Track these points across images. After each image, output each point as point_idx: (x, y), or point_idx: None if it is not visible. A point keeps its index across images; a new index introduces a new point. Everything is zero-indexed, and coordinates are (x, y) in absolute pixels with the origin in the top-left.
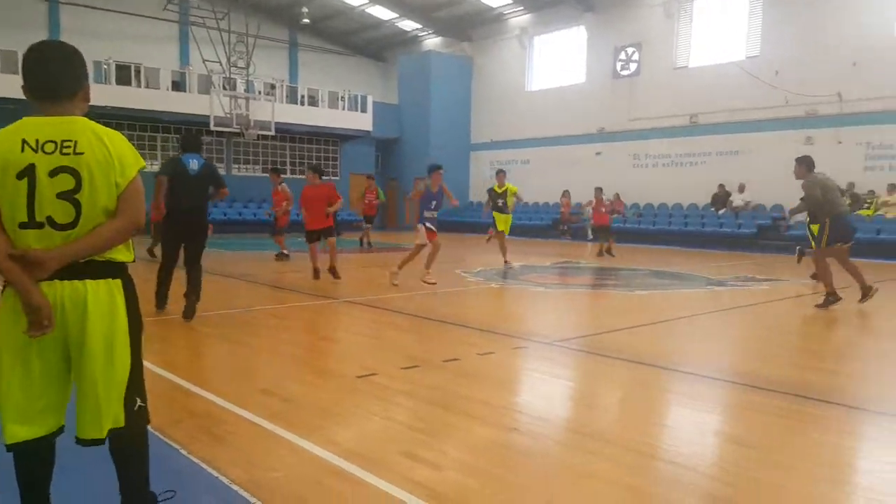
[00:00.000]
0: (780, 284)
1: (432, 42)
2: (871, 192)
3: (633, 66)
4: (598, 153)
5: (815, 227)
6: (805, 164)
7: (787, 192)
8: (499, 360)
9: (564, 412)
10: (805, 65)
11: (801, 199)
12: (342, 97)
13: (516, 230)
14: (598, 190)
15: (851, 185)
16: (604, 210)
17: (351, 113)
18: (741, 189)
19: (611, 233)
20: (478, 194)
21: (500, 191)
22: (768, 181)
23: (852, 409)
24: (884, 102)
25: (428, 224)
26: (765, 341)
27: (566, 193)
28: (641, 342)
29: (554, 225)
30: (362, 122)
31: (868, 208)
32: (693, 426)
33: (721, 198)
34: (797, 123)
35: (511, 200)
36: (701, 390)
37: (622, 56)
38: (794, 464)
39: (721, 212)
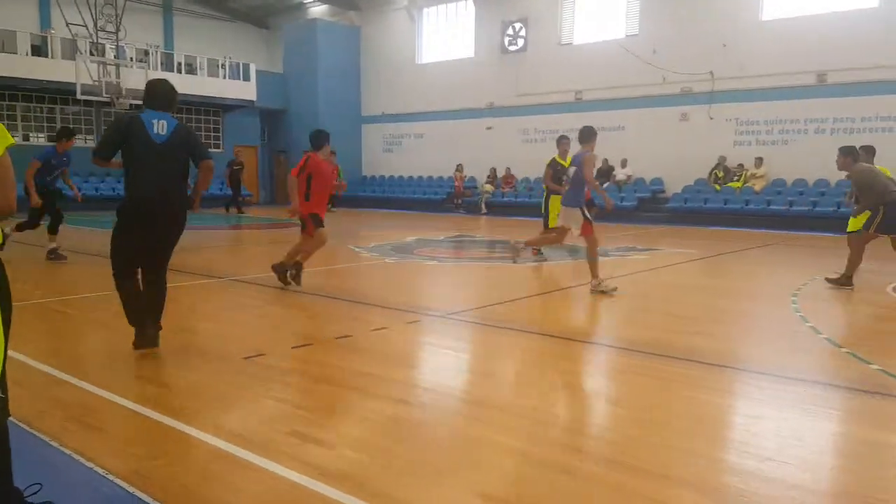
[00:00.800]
0: (659, 253)
1: (318, 10)
2: (741, 166)
3: (520, 42)
4: (488, 128)
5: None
6: (851, 155)
7: (664, 169)
8: (392, 334)
9: (457, 383)
10: (680, 45)
11: (855, 191)
12: (223, 65)
13: (409, 203)
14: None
15: (723, 158)
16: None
17: (233, 82)
18: (623, 164)
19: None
20: (371, 168)
21: (566, 164)
22: (648, 156)
23: (719, 367)
24: (751, 81)
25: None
26: (643, 308)
27: (459, 167)
28: (531, 312)
29: (448, 199)
30: (245, 91)
31: (738, 181)
32: (579, 391)
33: (605, 172)
34: (674, 101)
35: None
36: (586, 356)
37: (510, 31)
38: (669, 420)
39: (605, 185)
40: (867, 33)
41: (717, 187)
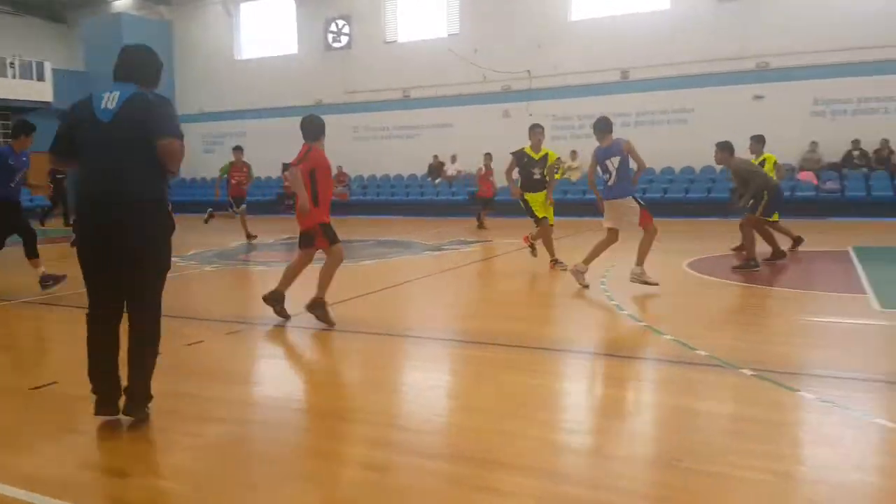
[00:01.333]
0: (487, 245)
1: (122, 4)
2: (559, 159)
3: (344, 39)
4: None
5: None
6: (727, 150)
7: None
8: (209, 347)
9: (282, 393)
10: (499, 44)
11: (737, 182)
12: (12, 63)
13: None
14: (488, 156)
15: (574, 153)
16: (491, 179)
17: (24, 82)
18: (453, 160)
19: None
20: (190, 170)
21: (537, 156)
22: (476, 152)
23: (534, 349)
24: (564, 79)
25: None
26: (466, 297)
27: (285, 167)
28: (367, 311)
29: (279, 200)
30: (40, 91)
31: (557, 173)
32: (404, 385)
33: (436, 168)
34: (496, 98)
35: (553, 173)
36: (411, 351)
37: (333, 28)
38: (489, 405)
39: (437, 181)
40: (661, 33)
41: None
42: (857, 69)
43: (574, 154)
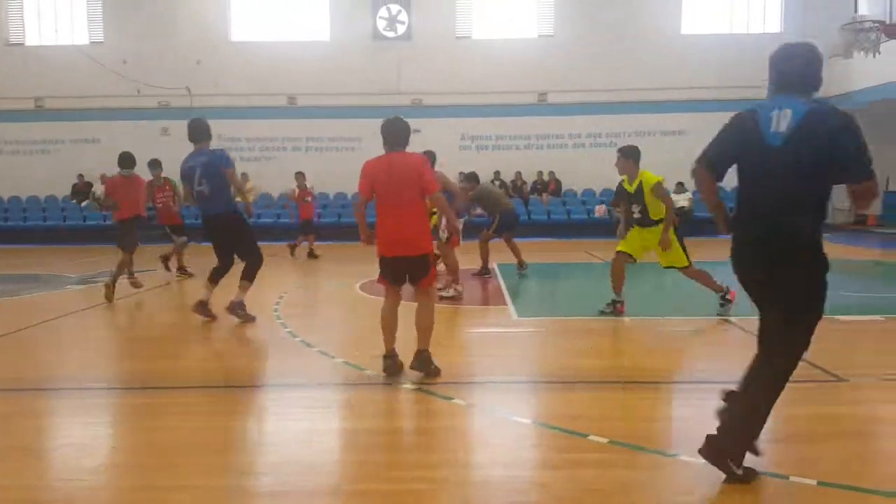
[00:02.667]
0: (152, 274)
1: None
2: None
3: None
4: None
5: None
6: (474, 180)
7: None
8: None
9: None
10: (155, 58)
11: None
12: None
13: None
14: (300, 175)
15: (244, 175)
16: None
17: None
18: (103, 180)
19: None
20: None
21: (632, 188)
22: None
23: (204, 388)
24: (228, 99)
25: None
26: (126, 336)
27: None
28: None
29: None
30: None
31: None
32: (54, 448)
33: (82, 189)
34: (153, 114)
35: (654, 202)
36: (60, 406)
37: None
38: (138, 459)
39: (84, 203)
40: (324, 63)
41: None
42: (496, 111)
43: (245, 176)
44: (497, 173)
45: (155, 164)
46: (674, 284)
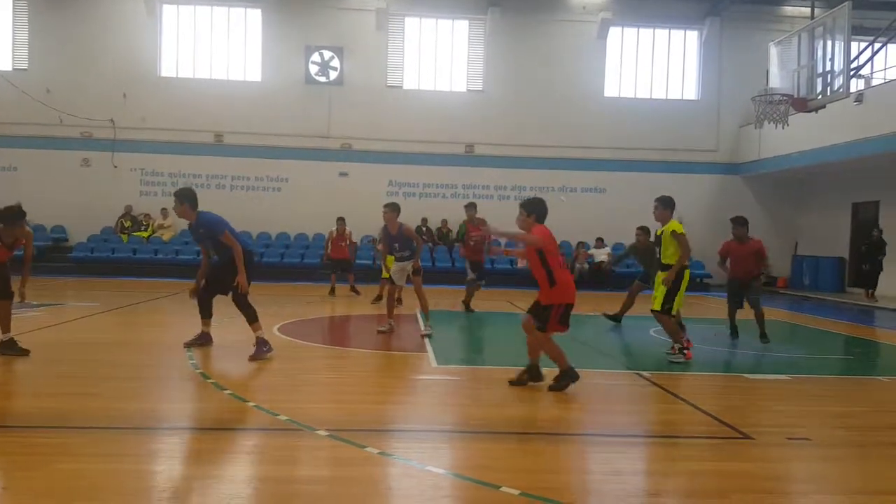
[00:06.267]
0: (60, 308)
1: None
2: (147, 216)
3: None
4: None
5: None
6: (396, 210)
7: (67, 216)
8: None
9: None
10: (79, 88)
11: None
12: None
13: None
14: (341, 220)
15: (129, 207)
16: (345, 244)
17: None
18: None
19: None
20: None
21: (657, 232)
22: (48, 202)
23: (111, 429)
24: (154, 134)
25: None
26: (31, 373)
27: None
28: None
29: None
30: None
31: (145, 230)
32: None
33: None
34: (74, 144)
35: (668, 248)
36: None
37: None
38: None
39: None
40: (255, 103)
41: (125, 237)
42: (421, 159)
43: (165, 212)
44: (424, 220)
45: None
46: (602, 336)
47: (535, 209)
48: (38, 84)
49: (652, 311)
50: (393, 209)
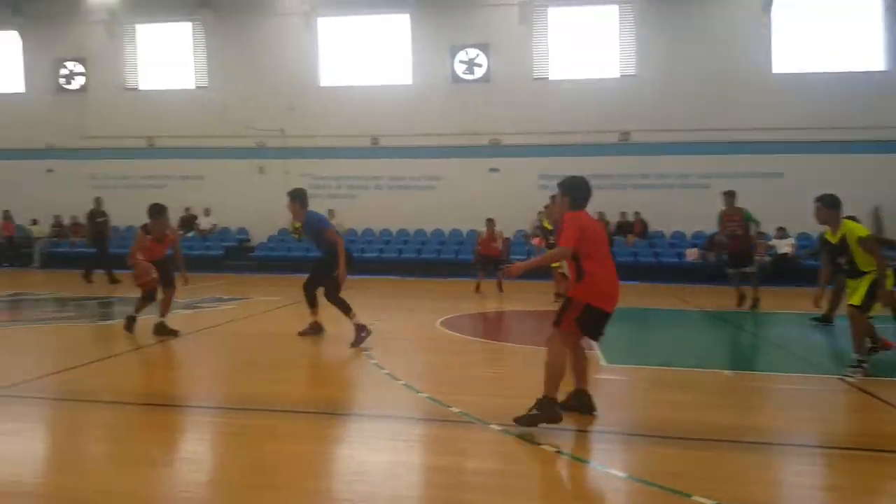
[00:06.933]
0: (247, 302)
1: None
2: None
3: (78, 81)
4: (49, 170)
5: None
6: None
7: (248, 219)
8: None
9: (11, 475)
10: (253, 101)
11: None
12: None
13: None
14: (490, 222)
15: (331, 211)
16: (495, 244)
17: None
18: (207, 213)
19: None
20: None
21: (835, 239)
22: (231, 206)
23: (297, 413)
24: (317, 140)
25: None
26: (229, 361)
27: (7, 215)
28: (107, 378)
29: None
30: None
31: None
32: (151, 462)
33: (187, 221)
34: (251, 153)
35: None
36: (162, 422)
37: (64, 70)
38: (244, 477)
39: (189, 234)
40: (408, 105)
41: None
42: (573, 150)
43: (331, 213)
44: None
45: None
46: (780, 336)
47: (570, 189)
48: (217, 100)
49: (849, 305)
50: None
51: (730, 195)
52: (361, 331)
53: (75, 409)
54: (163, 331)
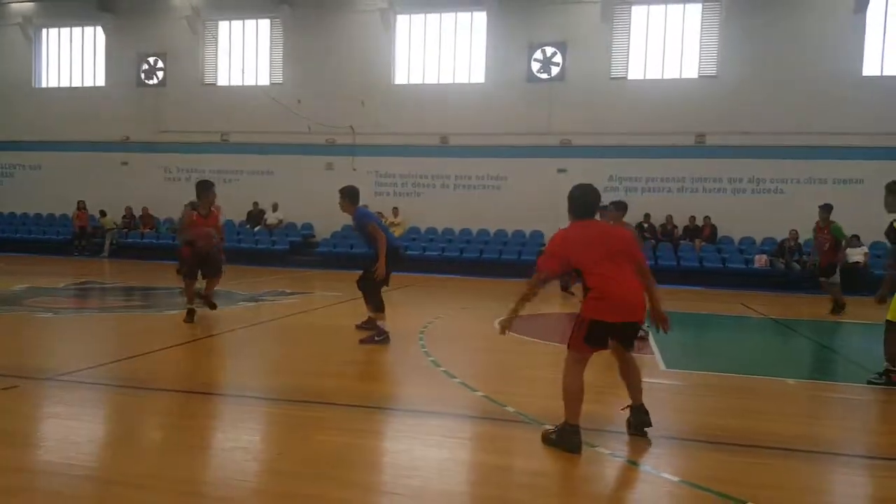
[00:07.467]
0: (309, 297)
1: None
2: (380, 214)
3: (157, 76)
4: (124, 163)
5: None
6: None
7: (314, 214)
8: None
9: (67, 458)
10: (323, 98)
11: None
12: None
13: (22, 245)
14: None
15: (366, 206)
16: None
17: None
18: (275, 208)
19: None
20: None
21: None
22: (298, 201)
23: (351, 407)
24: (386, 138)
25: None
26: (288, 352)
27: (81, 205)
28: (168, 366)
29: (72, 240)
30: None
31: None
32: (208, 449)
33: (255, 215)
34: (320, 150)
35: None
36: (220, 410)
37: (146, 64)
38: (296, 467)
39: (256, 229)
40: (478, 104)
41: None
42: (645, 152)
43: (396, 210)
44: (647, 216)
45: None
46: (846, 346)
47: (568, 198)
48: (290, 96)
49: (887, 320)
50: (619, 208)
51: (824, 209)
52: (380, 334)
53: (135, 395)
54: (204, 299)
